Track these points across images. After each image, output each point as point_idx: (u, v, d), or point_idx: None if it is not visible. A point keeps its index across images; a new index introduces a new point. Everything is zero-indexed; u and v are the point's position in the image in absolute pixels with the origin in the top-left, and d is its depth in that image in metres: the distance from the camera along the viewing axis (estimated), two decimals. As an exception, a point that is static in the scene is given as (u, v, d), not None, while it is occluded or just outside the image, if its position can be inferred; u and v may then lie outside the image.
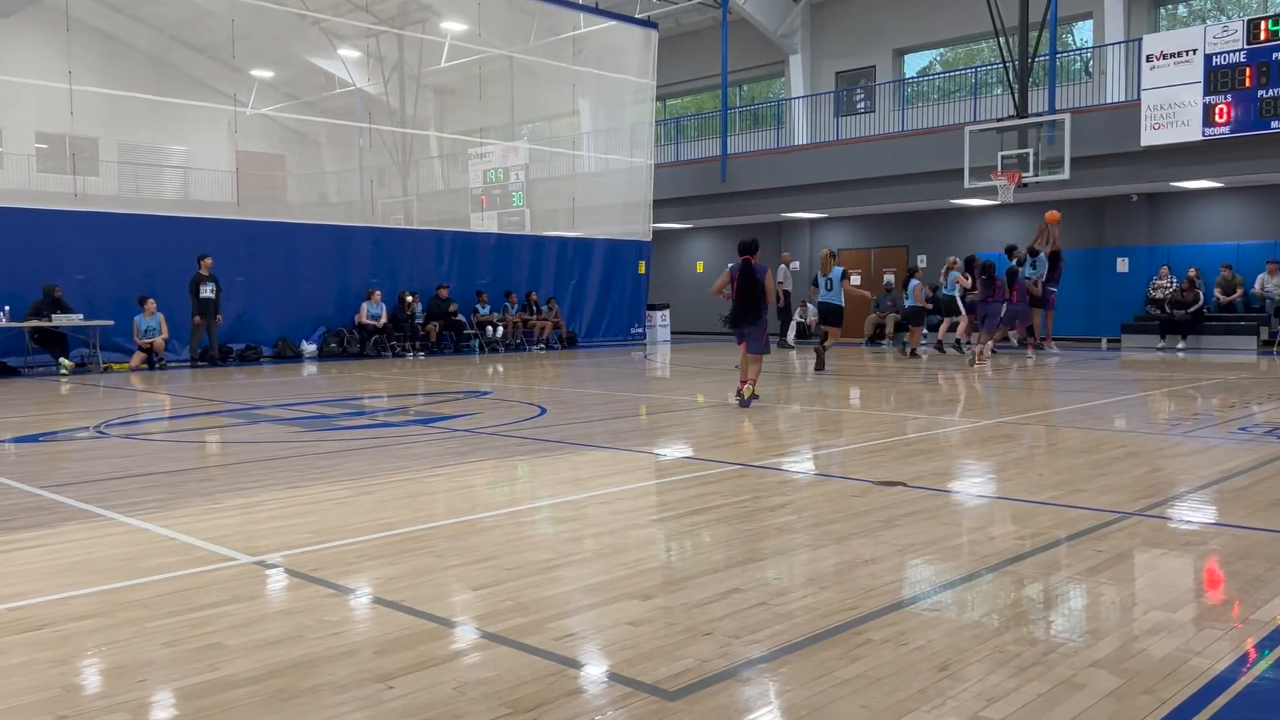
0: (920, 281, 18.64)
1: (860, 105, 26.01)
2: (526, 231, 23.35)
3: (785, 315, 21.60)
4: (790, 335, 21.43)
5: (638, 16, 24.32)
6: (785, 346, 20.39)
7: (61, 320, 15.03)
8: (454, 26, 23.10)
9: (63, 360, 15.05)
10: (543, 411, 9.87)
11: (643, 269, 24.30)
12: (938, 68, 25.61)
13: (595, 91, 24.98)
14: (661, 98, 27.45)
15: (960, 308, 17.82)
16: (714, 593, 3.73)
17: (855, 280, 14.60)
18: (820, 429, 8.80)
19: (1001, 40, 19.11)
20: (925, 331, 19.12)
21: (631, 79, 24.07)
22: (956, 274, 17.85)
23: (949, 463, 6.83)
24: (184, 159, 25.92)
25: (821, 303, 14.73)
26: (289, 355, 18.10)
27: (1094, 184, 19.51)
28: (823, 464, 6.85)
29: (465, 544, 4.57)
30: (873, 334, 22.15)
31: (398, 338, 19.32)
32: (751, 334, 10.05)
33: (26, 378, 14.56)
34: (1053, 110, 19.62)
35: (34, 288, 15.09)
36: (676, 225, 27.57)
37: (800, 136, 25.88)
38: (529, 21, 23.17)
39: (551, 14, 22.97)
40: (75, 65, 16.90)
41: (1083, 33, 23.10)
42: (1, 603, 3.69)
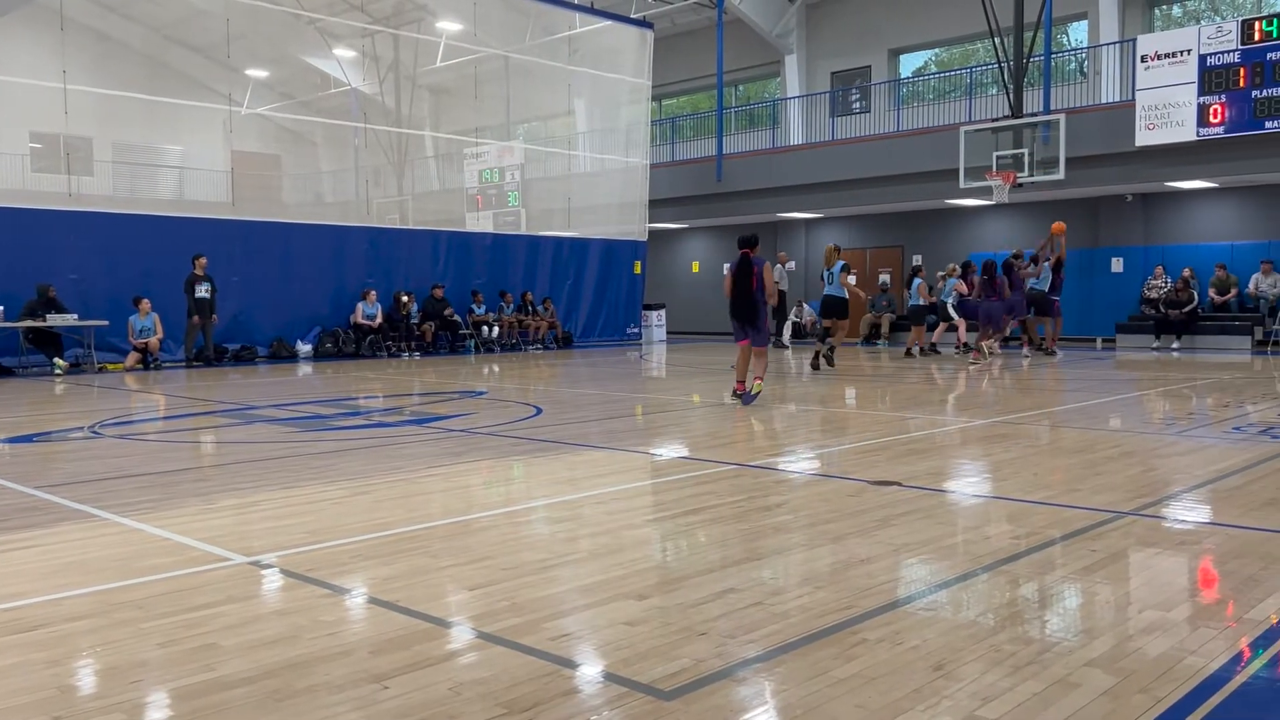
0: (923, 281, 18.66)
1: (856, 105, 26.04)
2: (522, 231, 23.34)
3: (780, 315, 21.63)
4: (785, 335, 21.46)
5: (633, 16, 24.32)
6: (780, 346, 20.43)
7: (56, 320, 15.00)
8: (449, 26, 23.09)
9: (57, 360, 15.02)
10: (538, 411, 9.87)
11: (638, 269, 24.30)
12: (933, 68, 25.64)
13: (591, 91, 24.97)
14: (657, 98, 27.45)
15: (953, 315, 17.82)
16: (710, 593, 3.73)
17: (851, 280, 14.60)
18: (815, 429, 8.80)
19: (996, 40, 19.14)
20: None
21: (627, 79, 24.07)
22: (955, 281, 17.87)
23: (944, 462, 6.84)
24: (179, 159, 25.88)
25: (824, 296, 14.85)
26: (284, 355, 18.07)
27: (1089, 184, 19.55)
28: (818, 464, 6.85)
29: (461, 544, 4.57)
30: (868, 334, 22.20)
31: (393, 338, 19.29)
32: (751, 327, 10.05)
33: (21, 378, 14.53)
34: (1048, 110, 19.66)
35: (28, 287, 15.06)
36: (672, 225, 27.58)
37: (796, 136, 25.90)
38: (524, 21, 23.16)
39: (547, 14, 22.96)
40: (70, 65, 16.86)
41: (1078, 33, 23.14)
42: (-4, 603, 3.68)
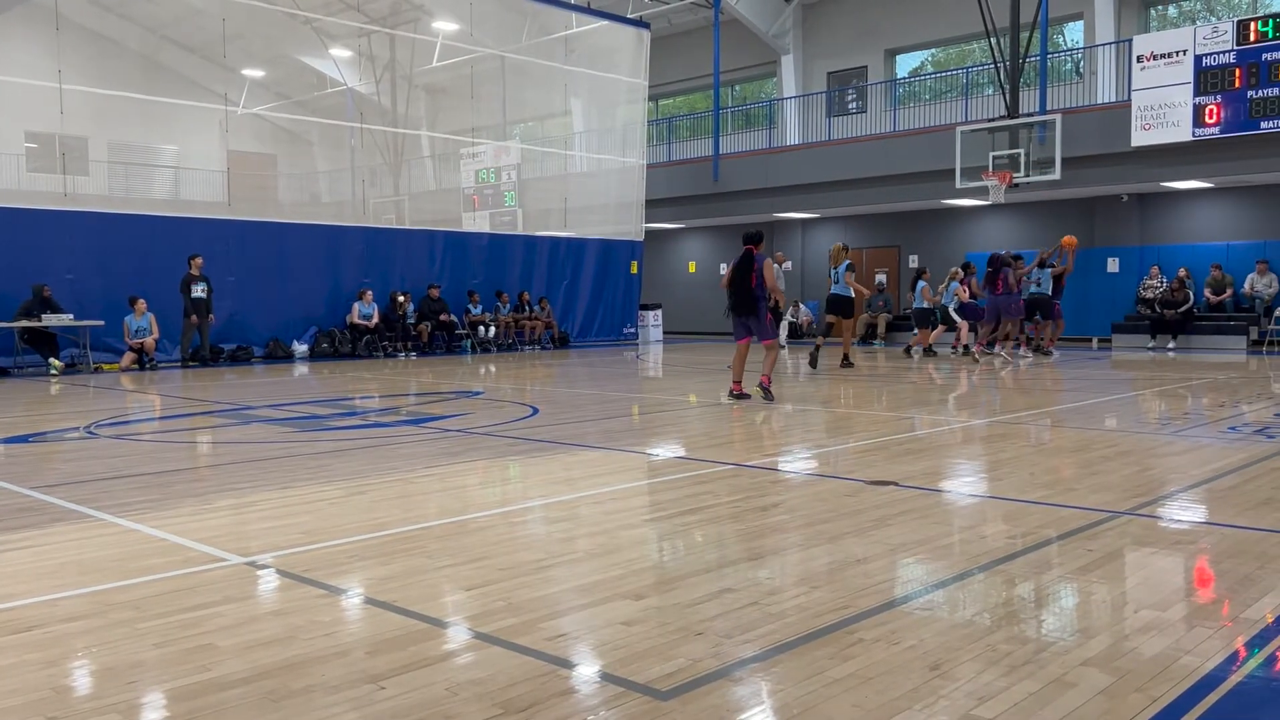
0: (927, 284, 18.69)
1: (852, 105, 26.05)
2: (519, 231, 23.33)
3: (776, 315, 21.62)
4: (782, 336, 21.47)
5: (630, 16, 24.32)
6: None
7: (51, 320, 14.98)
8: (446, 26, 23.07)
9: (53, 360, 14.99)
10: (535, 411, 9.87)
11: (635, 269, 24.30)
12: (929, 68, 25.66)
13: (587, 91, 24.97)
14: (654, 98, 27.46)
15: (955, 318, 17.91)
16: (706, 592, 3.73)
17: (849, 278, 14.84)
18: (812, 429, 8.80)
19: (993, 41, 19.16)
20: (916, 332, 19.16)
21: (624, 79, 24.06)
22: (956, 285, 17.91)
23: (941, 462, 6.84)
24: (175, 158, 25.84)
25: (829, 294, 15.08)
26: (280, 355, 18.05)
27: (1085, 184, 19.58)
28: (815, 463, 6.86)
29: (457, 544, 4.57)
30: (864, 334, 22.22)
31: (389, 338, 19.28)
32: (753, 323, 10.05)
33: (16, 378, 14.50)
34: (1044, 111, 19.69)
35: (23, 288, 15.03)
36: (669, 225, 27.59)
37: (792, 136, 25.91)
38: (521, 21, 23.16)
39: (543, 14, 22.96)
40: (65, 64, 16.82)
41: (1073, 33, 23.18)
42: (-9, 604, 3.68)
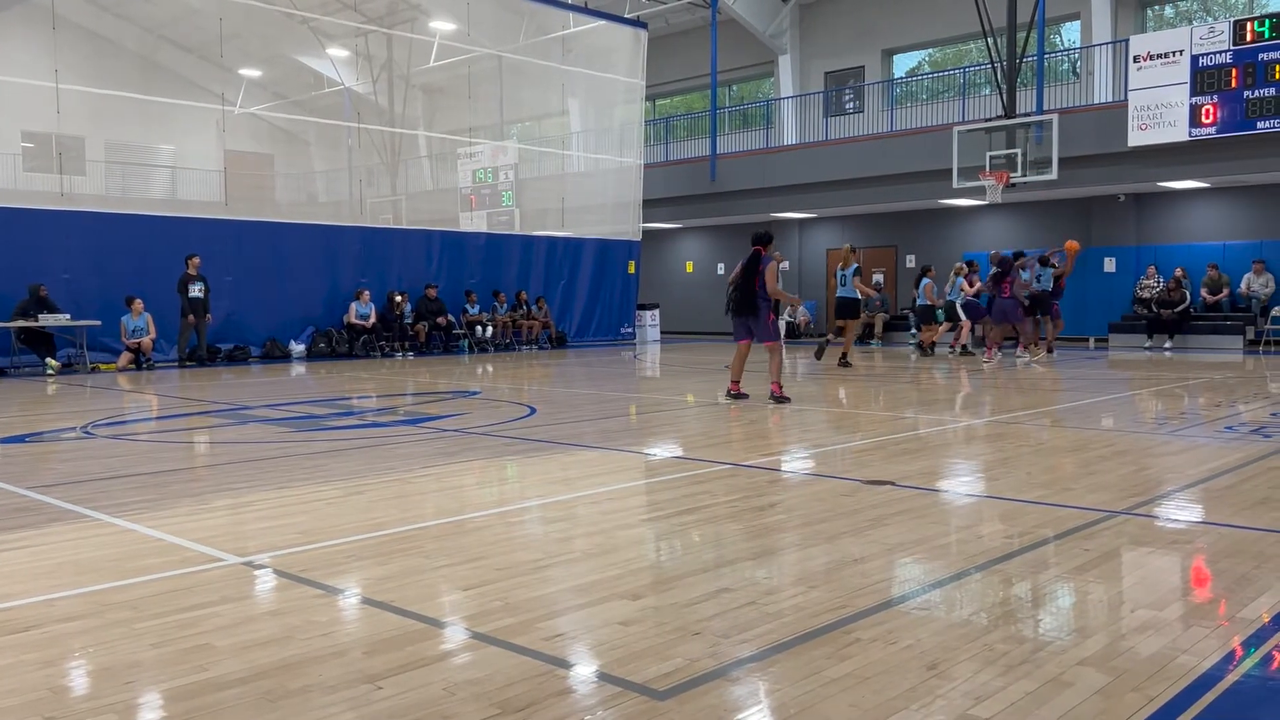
0: (932, 281, 18.71)
1: (849, 105, 26.06)
2: (516, 231, 23.31)
3: (775, 315, 21.64)
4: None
5: (627, 16, 24.31)
6: None
7: (48, 320, 14.96)
8: (443, 26, 23.05)
9: (50, 360, 14.97)
10: (532, 411, 9.86)
11: (632, 269, 24.30)
12: (926, 68, 25.67)
13: (585, 91, 24.96)
14: (651, 98, 27.44)
15: (960, 314, 17.92)
16: (703, 592, 3.74)
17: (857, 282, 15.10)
18: (810, 428, 8.81)
19: (990, 41, 19.17)
20: (914, 331, 19.21)
21: (621, 79, 24.06)
22: (962, 280, 17.93)
23: (938, 462, 6.85)
24: (171, 158, 25.79)
25: (837, 297, 15.25)
26: (277, 355, 18.04)
27: (1081, 184, 19.59)
28: (813, 463, 6.86)
29: (454, 544, 4.57)
30: (861, 334, 22.22)
31: (386, 338, 19.27)
32: (754, 324, 10.03)
33: (13, 378, 14.48)
34: (1040, 111, 19.70)
35: (20, 288, 15.02)
36: (666, 225, 27.58)
37: (789, 136, 25.91)
38: (518, 21, 23.14)
39: (541, 13, 22.94)
40: (62, 64, 16.80)
41: (1070, 33, 23.19)
42: (-12, 604, 3.67)
